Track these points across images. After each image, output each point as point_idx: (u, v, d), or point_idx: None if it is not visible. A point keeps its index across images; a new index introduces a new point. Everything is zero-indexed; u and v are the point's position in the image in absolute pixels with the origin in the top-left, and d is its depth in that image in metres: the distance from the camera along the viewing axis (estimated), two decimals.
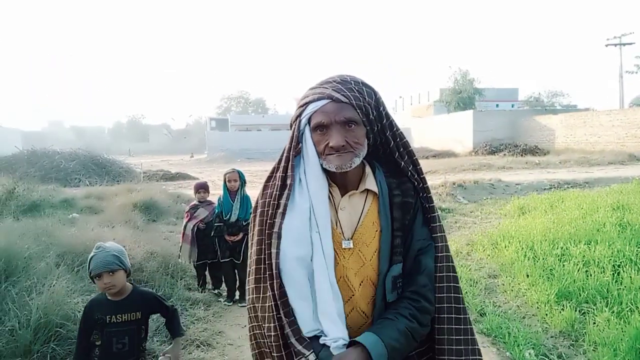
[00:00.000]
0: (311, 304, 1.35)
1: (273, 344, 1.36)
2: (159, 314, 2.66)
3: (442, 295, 1.41)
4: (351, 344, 1.30)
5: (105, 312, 2.35)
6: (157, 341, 3.68)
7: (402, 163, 1.46)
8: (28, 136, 46.94)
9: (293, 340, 1.33)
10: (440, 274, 1.42)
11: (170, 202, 10.37)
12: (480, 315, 4.24)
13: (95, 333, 2.36)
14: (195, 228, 5.10)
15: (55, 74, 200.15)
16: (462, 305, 1.43)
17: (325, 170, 1.39)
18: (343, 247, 1.39)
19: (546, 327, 3.89)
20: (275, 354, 1.37)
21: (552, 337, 3.74)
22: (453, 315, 1.41)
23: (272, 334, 1.36)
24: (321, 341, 1.33)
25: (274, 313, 1.36)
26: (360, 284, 1.40)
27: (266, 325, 1.39)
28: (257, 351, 1.49)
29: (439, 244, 1.44)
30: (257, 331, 1.47)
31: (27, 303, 3.33)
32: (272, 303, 1.37)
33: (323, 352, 1.31)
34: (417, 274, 1.41)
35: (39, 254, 4.30)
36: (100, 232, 5.80)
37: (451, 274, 1.44)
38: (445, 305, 1.41)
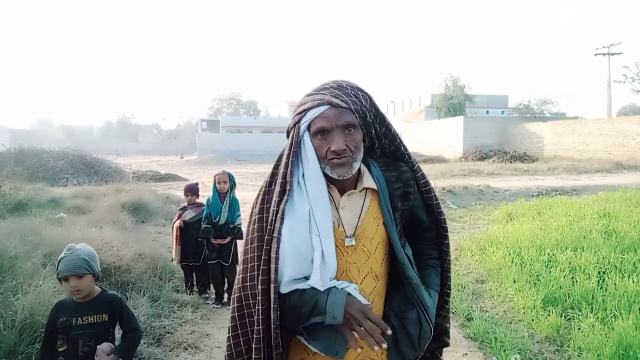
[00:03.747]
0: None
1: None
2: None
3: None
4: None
5: (71, 314, 2.27)
6: (144, 343, 3.66)
7: (407, 155, 1.57)
8: (16, 134, 46.40)
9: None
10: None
11: (159, 203, 10.29)
12: (468, 320, 4.27)
13: (61, 338, 2.26)
14: (178, 227, 5.04)
15: (44, 71, 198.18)
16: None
17: (324, 173, 1.42)
18: (346, 244, 1.44)
19: (532, 333, 3.93)
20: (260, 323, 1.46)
21: (538, 342, 3.78)
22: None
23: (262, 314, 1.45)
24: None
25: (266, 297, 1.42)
26: (364, 278, 1.45)
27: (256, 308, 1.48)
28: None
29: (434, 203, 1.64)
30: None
31: (12, 303, 3.28)
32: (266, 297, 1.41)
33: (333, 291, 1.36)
34: (421, 221, 1.63)
35: (26, 253, 4.25)
36: (88, 232, 5.74)
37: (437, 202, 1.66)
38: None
